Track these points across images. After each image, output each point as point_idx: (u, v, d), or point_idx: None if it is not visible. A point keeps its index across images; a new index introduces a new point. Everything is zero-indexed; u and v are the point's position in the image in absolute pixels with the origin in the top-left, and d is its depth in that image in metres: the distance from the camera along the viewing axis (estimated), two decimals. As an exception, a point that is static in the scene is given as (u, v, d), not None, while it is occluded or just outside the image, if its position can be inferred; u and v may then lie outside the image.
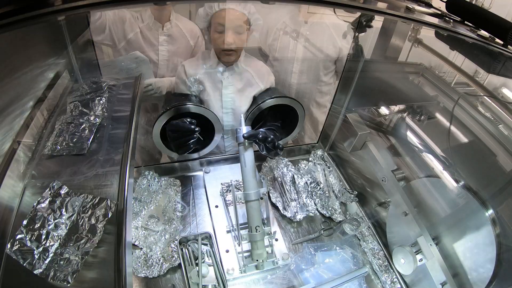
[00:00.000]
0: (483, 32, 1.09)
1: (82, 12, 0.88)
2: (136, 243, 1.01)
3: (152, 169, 1.25)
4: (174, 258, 0.98)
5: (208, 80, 1.25)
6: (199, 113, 1.14)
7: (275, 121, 1.28)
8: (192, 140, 1.08)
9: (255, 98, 1.29)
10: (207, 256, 1.01)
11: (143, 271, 0.95)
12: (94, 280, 0.59)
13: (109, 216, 0.64)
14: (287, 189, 1.28)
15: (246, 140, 0.97)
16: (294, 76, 1.80)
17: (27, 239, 0.59)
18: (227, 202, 1.20)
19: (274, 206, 1.23)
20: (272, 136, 1.00)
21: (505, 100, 1.11)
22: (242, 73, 1.26)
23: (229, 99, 1.27)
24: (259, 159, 1.41)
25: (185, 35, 1.45)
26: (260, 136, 0.99)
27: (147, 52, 1.37)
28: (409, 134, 1.18)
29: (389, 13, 1.09)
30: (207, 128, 1.20)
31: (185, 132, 1.06)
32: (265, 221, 1.06)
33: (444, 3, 1.16)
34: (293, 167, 1.39)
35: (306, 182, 1.32)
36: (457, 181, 0.96)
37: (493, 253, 0.82)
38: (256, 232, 0.95)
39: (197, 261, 0.98)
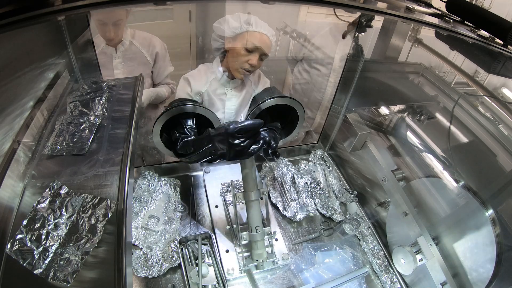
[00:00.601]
0: (483, 32, 1.09)
1: (82, 12, 0.88)
2: (136, 243, 1.01)
3: (152, 169, 1.25)
4: (174, 258, 0.98)
5: (212, 92, 1.25)
6: (199, 113, 1.14)
7: (275, 121, 1.28)
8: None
9: (254, 98, 1.29)
10: (207, 256, 1.01)
11: (143, 271, 0.95)
12: (94, 280, 0.59)
13: (109, 216, 0.63)
14: (287, 189, 1.28)
15: None
16: (330, 85, 1.83)
17: (27, 239, 0.59)
18: (227, 202, 1.20)
19: (274, 206, 1.23)
20: (274, 144, 0.98)
21: (505, 100, 1.11)
22: (248, 86, 1.27)
23: (232, 110, 1.28)
24: (259, 159, 1.41)
25: (141, 52, 1.41)
26: (267, 139, 0.96)
27: (104, 77, 1.28)
28: (409, 134, 1.18)
29: (389, 13, 1.09)
30: (207, 128, 1.20)
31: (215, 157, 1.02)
32: (265, 221, 1.06)
33: (444, 3, 1.16)
34: (293, 167, 1.39)
35: (306, 182, 1.32)
36: (457, 181, 0.96)
37: (493, 253, 0.82)
38: (256, 232, 0.95)
39: (197, 261, 0.98)
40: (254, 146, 0.93)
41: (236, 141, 0.92)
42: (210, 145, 0.95)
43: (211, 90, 1.25)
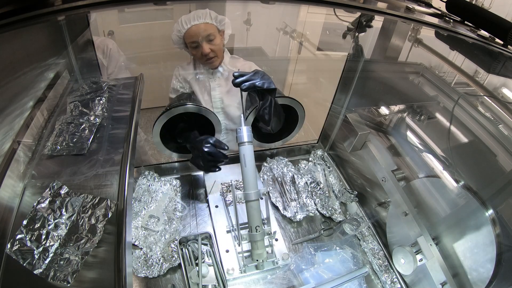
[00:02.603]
0: (483, 32, 1.09)
1: (82, 12, 0.87)
2: (136, 243, 1.01)
3: (152, 169, 1.25)
4: (174, 258, 0.98)
5: (198, 83, 1.35)
6: (199, 113, 1.14)
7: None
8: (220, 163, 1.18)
9: (253, 97, 1.29)
10: (207, 256, 1.01)
11: (143, 271, 0.95)
12: (94, 280, 0.59)
13: (109, 216, 0.63)
14: (287, 189, 1.28)
15: (247, 142, 0.97)
16: None
17: (27, 239, 0.59)
18: (227, 202, 1.20)
19: (274, 206, 1.23)
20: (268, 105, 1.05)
21: (505, 100, 1.11)
22: (228, 73, 1.34)
23: (217, 99, 1.36)
24: (259, 159, 1.41)
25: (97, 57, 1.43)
26: (257, 80, 1.00)
27: None
28: (409, 134, 1.18)
29: (389, 13, 1.09)
30: (207, 128, 1.20)
31: (218, 159, 1.15)
32: (265, 221, 1.06)
33: (444, 3, 1.16)
34: (293, 167, 1.39)
35: (306, 182, 1.32)
36: (457, 181, 0.96)
37: (493, 253, 0.82)
38: (256, 232, 0.95)
39: (197, 261, 0.98)
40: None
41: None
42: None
43: (197, 81, 1.36)
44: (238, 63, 1.37)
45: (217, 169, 1.16)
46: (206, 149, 1.11)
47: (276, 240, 1.11)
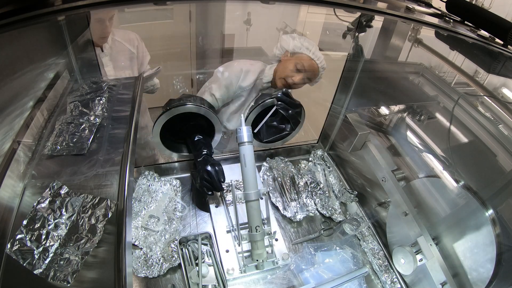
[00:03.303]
0: (483, 32, 1.09)
1: (82, 12, 0.88)
2: (136, 243, 1.01)
3: (152, 169, 1.25)
4: (174, 258, 0.98)
5: (248, 90, 1.33)
6: (199, 113, 1.14)
7: (275, 121, 1.29)
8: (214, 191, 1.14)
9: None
10: (207, 256, 1.01)
11: (143, 271, 0.95)
12: (94, 280, 0.59)
13: (109, 216, 0.63)
14: (287, 189, 1.28)
15: (247, 142, 0.97)
16: None
17: (27, 239, 0.59)
18: (227, 202, 1.20)
19: (274, 206, 1.23)
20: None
21: (505, 100, 1.11)
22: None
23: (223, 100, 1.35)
24: (259, 159, 1.41)
25: (125, 46, 1.47)
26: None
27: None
28: (409, 134, 1.18)
29: (389, 13, 1.09)
30: (207, 128, 1.20)
31: (214, 188, 1.11)
32: (265, 221, 1.06)
33: (444, 3, 1.16)
34: (293, 167, 1.39)
35: (306, 182, 1.32)
36: (457, 181, 0.96)
37: (493, 253, 0.82)
38: (256, 232, 0.95)
39: (197, 261, 0.98)
40: None
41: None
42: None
43: (250, 88, 1.33)
44: None
45: (209, 193, 1.11)
46: (204, 175, 1.09)
47: (276, 240, 1.11)
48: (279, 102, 1.14)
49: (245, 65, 1.30)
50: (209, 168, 1.08)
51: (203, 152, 1.13)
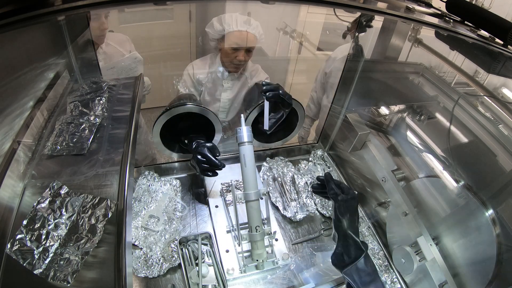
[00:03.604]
0: (483, 32, 1.09)
1: (82, 12, 0.88)
2: (136, 243, 1.01)
3: (152, 169, 1.25)
4: (174, 258, 0.98)
5: (211, 81, 1.37)
6: (199, 113, 1.14)
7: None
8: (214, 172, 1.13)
9: (253, 97, 1.29)
10: (207, 256, 1.01)
11: (143, 271, 0.95)
12: (94, 280, 0.59)
13: (109, 216, 0.63)
14: (287, 189, 1.28)
15: (247, 142, 0.97)
16: None
17: (27, 239, 0.59)
18: (227, 202, 1.20)
19: (274, 206, 1.23)
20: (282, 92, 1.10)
21: (505, 100, 1.10)
22: (243, 79, 1.38)
23: (226, 100, 1.39)
24: (259, 159, 1.41)
25: (119, 50, 1.48)
26: (280, 91, 1.08)
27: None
28: (409, 134, 1.18)
29: (389, 13, 1.09)
30: (207, 128, 1.20)
31: (212, 166, 1.10)
32: (265, 221, 1.06)
33: (444, 3, 1.16)
34: (293, 167, 1.39)
35: (306, 182, 1.32)
36: (457, 181, 0.96)
37: (493, 253, 0.82)
38: (256, 232, 0.95)
39: (197, 261, 0.98)
40: None
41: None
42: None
43: (211, 79, 1.38)
44: (257, 74, 1.43)
45: (211, 174, 1.10)
46: (199, 156, 1.09)
47: (276, 240, 1.11)
48: (267, 94, 1.10)
49: (194, 62, 1.41)
50: (201, 149, 1.08)
51: (195, 141, 1.13)
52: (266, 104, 1.09)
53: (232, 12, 1.29)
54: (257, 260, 0.98)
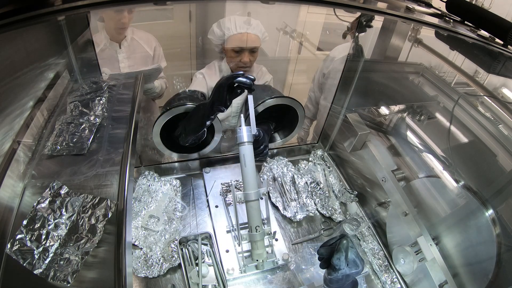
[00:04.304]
0: (483, 32, 1.09)
1: (82, 12, 0.88)
2: (136, 243, 1.01)
3: (152, 169, 1.25)
4: (174, 258, 0.98)
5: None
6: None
7: (271, 119, 1.30)
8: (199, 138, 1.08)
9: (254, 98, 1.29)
10: (207, 256, 1.01)
11: (143, 271, 0.95)
12: (94, 280, 0.59)
13: (109, 216, 0.63)
14: (287, 189, 1.28)
15: (246, 142, 0.97)
16: None
17: (27, 239, 0.59)
18: (227, 202, 1.20)
19: (274, 206, 1.23)
20: (264, 144, 1.06)
21: (505, 100, 1.11)
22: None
23: (238, 104, 1.38)
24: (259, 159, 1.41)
25: (142, 47, 1.50)
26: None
27: (108, 72, 1.30)
28: (409, 134, 1.18)
29: (389, 13, 1.09)
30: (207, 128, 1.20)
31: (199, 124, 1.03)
32: (265, 221, 1.06)
33: (444, 3, 1.16)
34: (293, 167, 1.39)
35: (306, 182, 1.32)
36: (457, 181, 0.96)
37: (493, 253, 0.82)
38: (256, 232, 0.95)
39: (197, 261, 0.98)
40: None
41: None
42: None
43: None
44: (263, 75, 1.43)
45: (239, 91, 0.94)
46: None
47: (276, 240, 1.11)
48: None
49: (203, 71, 1.37)
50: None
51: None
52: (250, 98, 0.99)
53: (232, 12, 1.29)
54: (257, 260, 0.98)
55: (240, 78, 0.90)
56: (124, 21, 1.37)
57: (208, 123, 1.01)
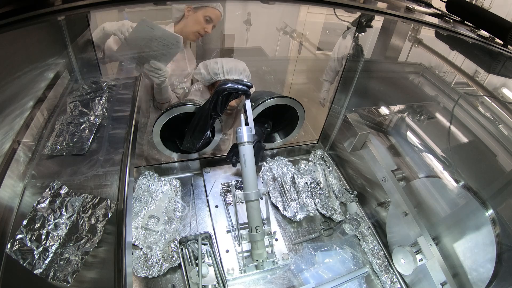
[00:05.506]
0: (483, 32, 1.09)
1: (82, 12, 0.88)
2: (136, 243, 1.01)
3: (152, 169, 1.25)
4: (174, 258, 0.98)
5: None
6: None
7: (271, 119, 1.30)
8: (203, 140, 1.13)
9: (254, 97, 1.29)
10: (207, 256, 1.01)
11: (143, 271, 0.95)
12: (94, 280, 0.59)
13: (109, 216, 0.64)
14: (287, 189, 1.28)
15: (247, 142, 0.97)
16: None
17: (27, 239, 0.59)
18: (227, 202, 1.20)
19: (274, 206, 1.23)
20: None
21: (505, 100, 1.11)
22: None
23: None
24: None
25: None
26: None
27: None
28: (409, 134, 1.18)
29: (389, 13, 1.09)
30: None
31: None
32: (265, 221, 1.06)
33: (444, 3, 1.16)
34: (293, 167, 1.39)
35: (306, 182, 1.32)
36: (457, 181, 0.96)
37: (493, 253, 0.82)
38: (256, 232, 0.95)
39: (197, 261, 0.98)
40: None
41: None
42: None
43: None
44: None
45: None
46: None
47: (276, 240, 1.11)
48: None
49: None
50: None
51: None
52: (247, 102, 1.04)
53: (232, 12, 1.29)
54: (257, 260, 0.98)
55: (237, 86, 0.99)
56: (208, 31, 1.45)
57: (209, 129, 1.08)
